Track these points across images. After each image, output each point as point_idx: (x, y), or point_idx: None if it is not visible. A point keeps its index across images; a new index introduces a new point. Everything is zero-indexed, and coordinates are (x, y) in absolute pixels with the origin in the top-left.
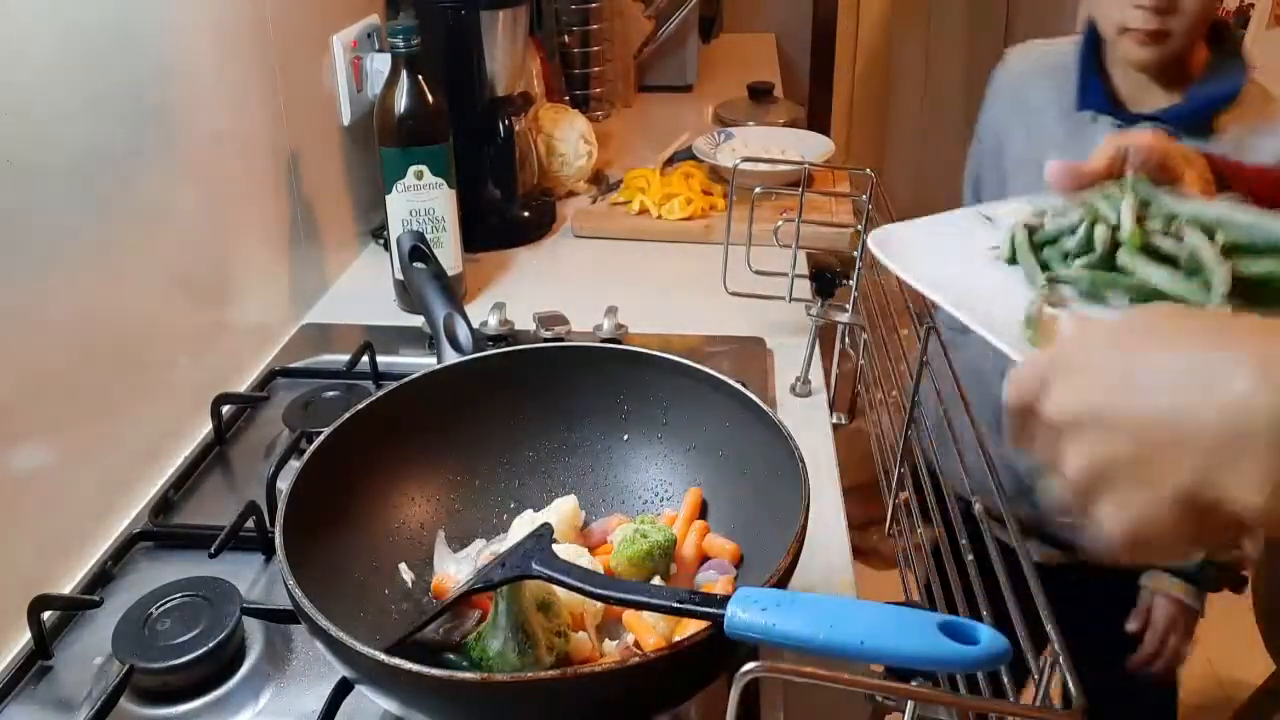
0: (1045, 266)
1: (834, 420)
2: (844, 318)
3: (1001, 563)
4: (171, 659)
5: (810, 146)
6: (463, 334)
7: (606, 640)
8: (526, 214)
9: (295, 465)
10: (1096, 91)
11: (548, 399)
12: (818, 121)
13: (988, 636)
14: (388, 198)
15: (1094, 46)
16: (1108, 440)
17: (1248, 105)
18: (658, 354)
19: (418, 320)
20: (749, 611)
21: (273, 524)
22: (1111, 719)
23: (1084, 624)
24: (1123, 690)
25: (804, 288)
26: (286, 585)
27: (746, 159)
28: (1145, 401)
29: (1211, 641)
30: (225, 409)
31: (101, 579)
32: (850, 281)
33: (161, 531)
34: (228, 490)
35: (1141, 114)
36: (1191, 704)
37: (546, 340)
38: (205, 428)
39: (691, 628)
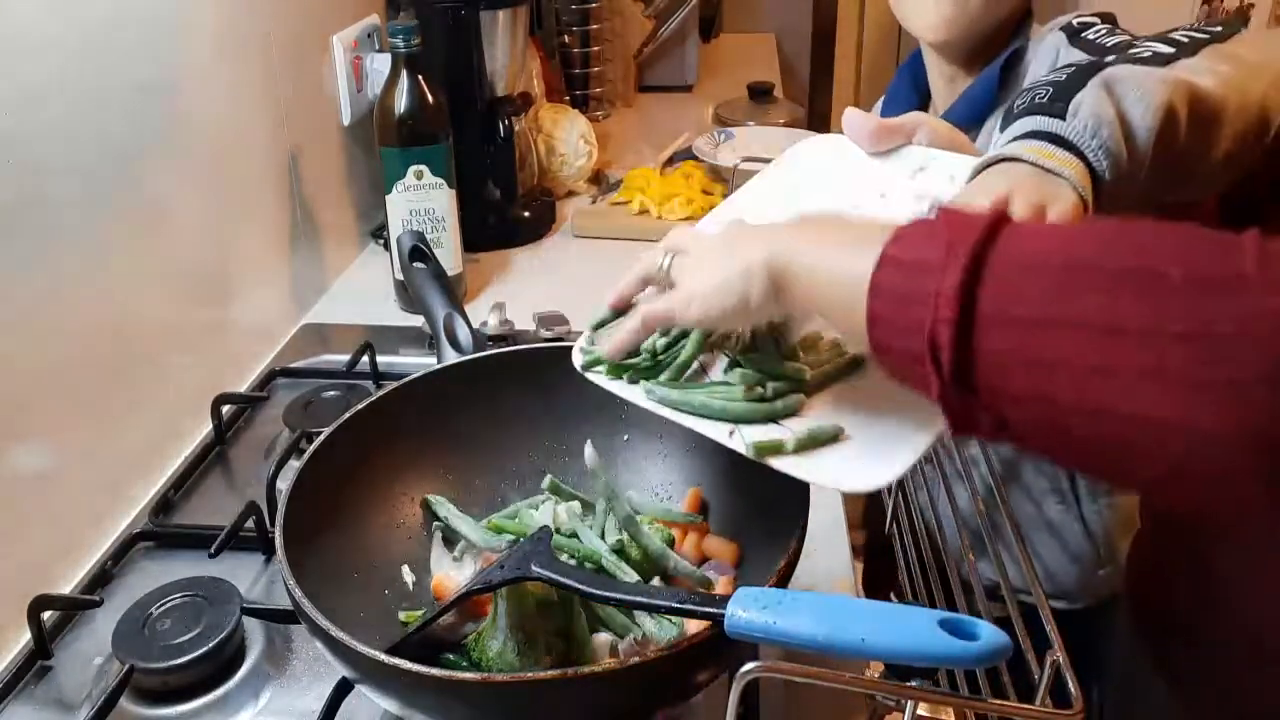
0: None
1: None
2: None
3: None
4: (171, 659)
5: None
6: (463, 334)
7: (605, 639)
8: (526, 214)
9: (295, 465)
10: (900, 99)
11: (548, 399)
12: (818, 121)
13: (988, 632)
14: (388, 198)
15: (910, 80)
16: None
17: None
18: None
19: (418, 320)
20: (749, 611)
21: (273, 524)
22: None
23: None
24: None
25: None
26: (286, 585)
27: (746, 159)
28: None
29: None
30: (225, 409)
31: (101, 579)
32: None
33: (161, 531)
34: (228, 490)
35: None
36: None
37: (546, 340)
38: (205, 428)
39: (692, 628)
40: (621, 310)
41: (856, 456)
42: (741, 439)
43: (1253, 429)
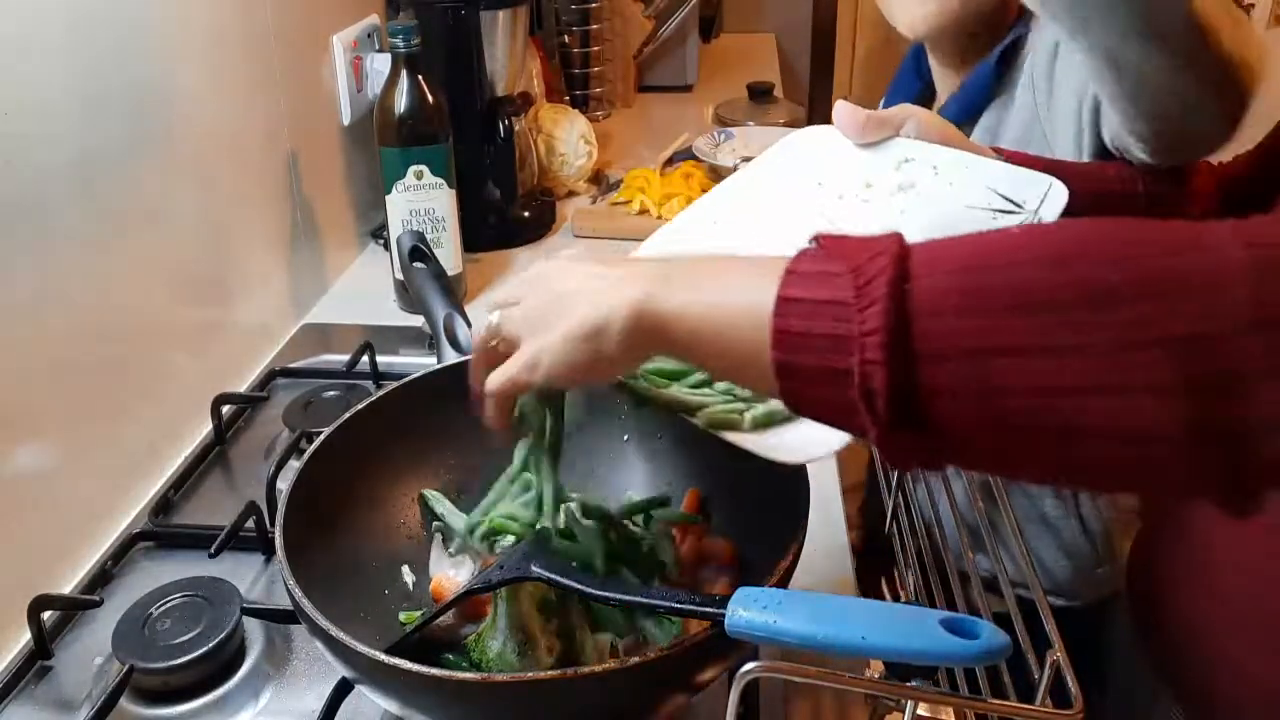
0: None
1: None
2: None
3: (1001, 564)
4: (171, 659)
5: None
6: (463, 334)
7: (605, 639)
8: (526, 214)
9: (295, 465)
10: (903, 88)
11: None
12: (818, 121)
13: (988, 631)
14: (388, 198)
15: (915, 76)
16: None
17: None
18: None
19: (418, 320)
20: (750, 610)
21: (273, 524)
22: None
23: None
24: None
25: None
26: (286, 585)
27: (746, 159)
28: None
29: None
30: (225, 409)
31: (101, 579)
32: None
33: (161, 531)
34: (228, 490)
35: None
36: None
37: None
38: (205, 428)
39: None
40: None
41: (812, 430)
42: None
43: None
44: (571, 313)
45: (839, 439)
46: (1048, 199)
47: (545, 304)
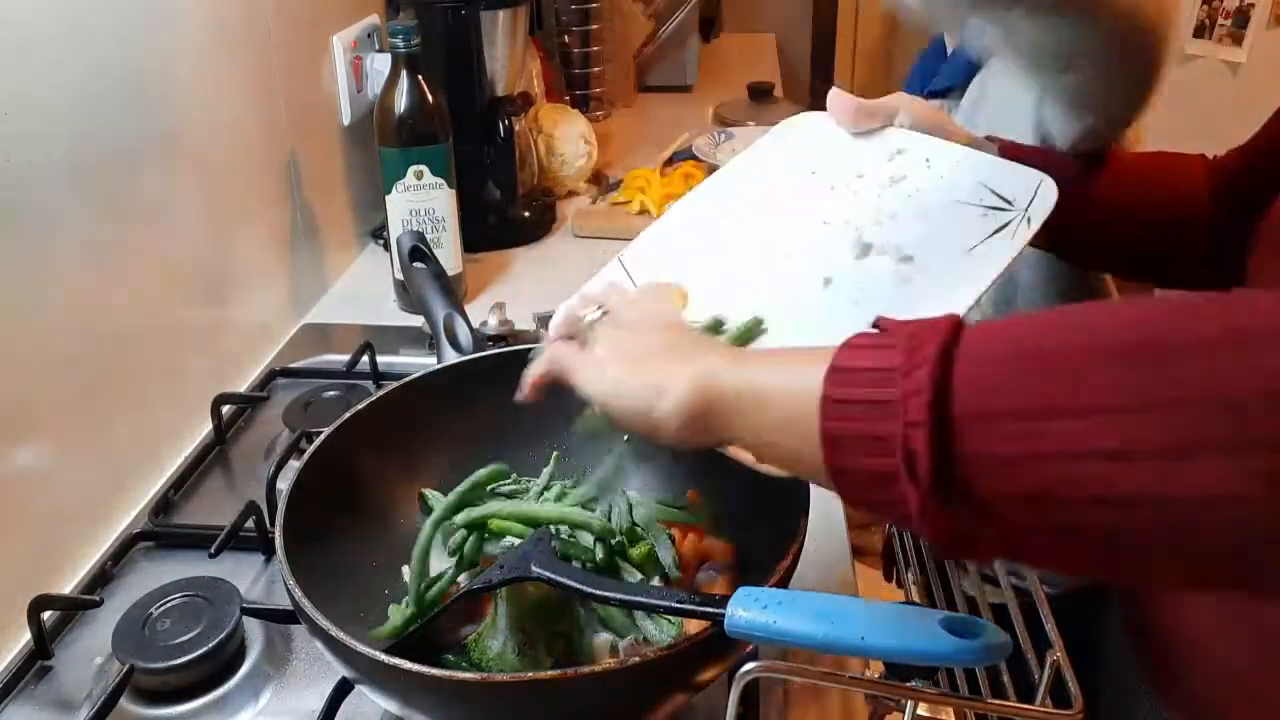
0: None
1: None
2: None
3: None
4: (171, 659)
5: None
6: (463, 334)
7: (605, 639)
8: (526, 214)
9: (295, 465)
10: (915, 89)
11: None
12: None
13: (988, 631)
14: (388, 198)
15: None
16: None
17: None
18: None
19: (418, 320)
20: (750, 610)
21: (273, 524)
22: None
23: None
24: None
25: None
26: (286, 585)
27: None
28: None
29: None
30: (225, 409)
31: (101, 579)
32: None
33: (161, 531)
34: (228, 490)
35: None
36: None
37: None
38: (205, 428)
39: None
40: None
41: None
42: None
43: None
44: (641, 365)
45: None
46: (1037, 197)
47: (634, 339)
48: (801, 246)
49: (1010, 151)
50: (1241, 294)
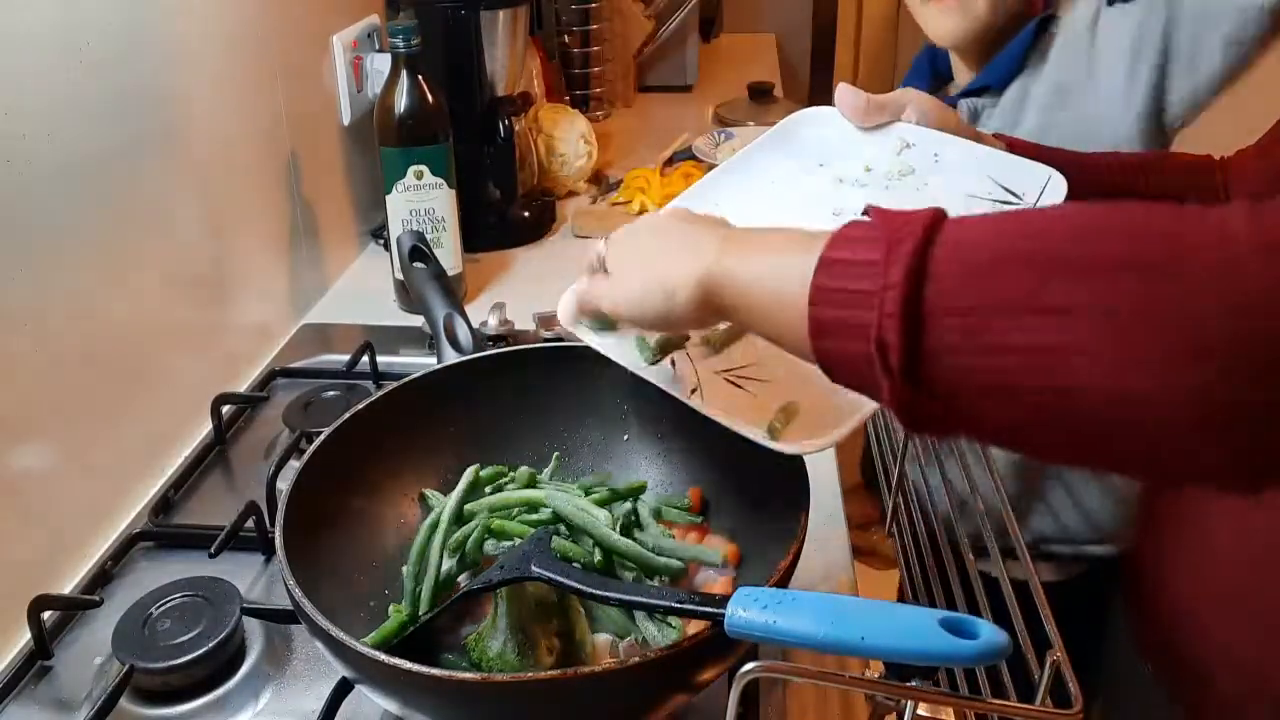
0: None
1: None
2: None
3: (1002, 565)
4: (171, 659)
5: None
6: (463, 334)
7: (605, 639)
8: (526, 214)
9: (295, 465)
10: (920, 74)
11: (547, 399)
12: None
13: (988, 631)
14: (388, 198)
15: (929, 68)
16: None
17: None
18: None
19: (418, 320)
20: (749, 610)
21: (273, 524)
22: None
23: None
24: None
25: None
26: (286, 585)
27: None
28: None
29: None
30: (225, 409)
31: (101, 579)
32: None
33: (161, 531)
34: (228, 490)
35: (951, 98)
36: None
37: (546, 340)
38: (205, 428)
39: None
40: None
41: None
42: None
43: (1218, 396)
44: (652, 269)
45: (837, 433)
46: (1047, 190)
47: (640, 249)
48: None
49: (1018, 148)
50: (1214, 214)
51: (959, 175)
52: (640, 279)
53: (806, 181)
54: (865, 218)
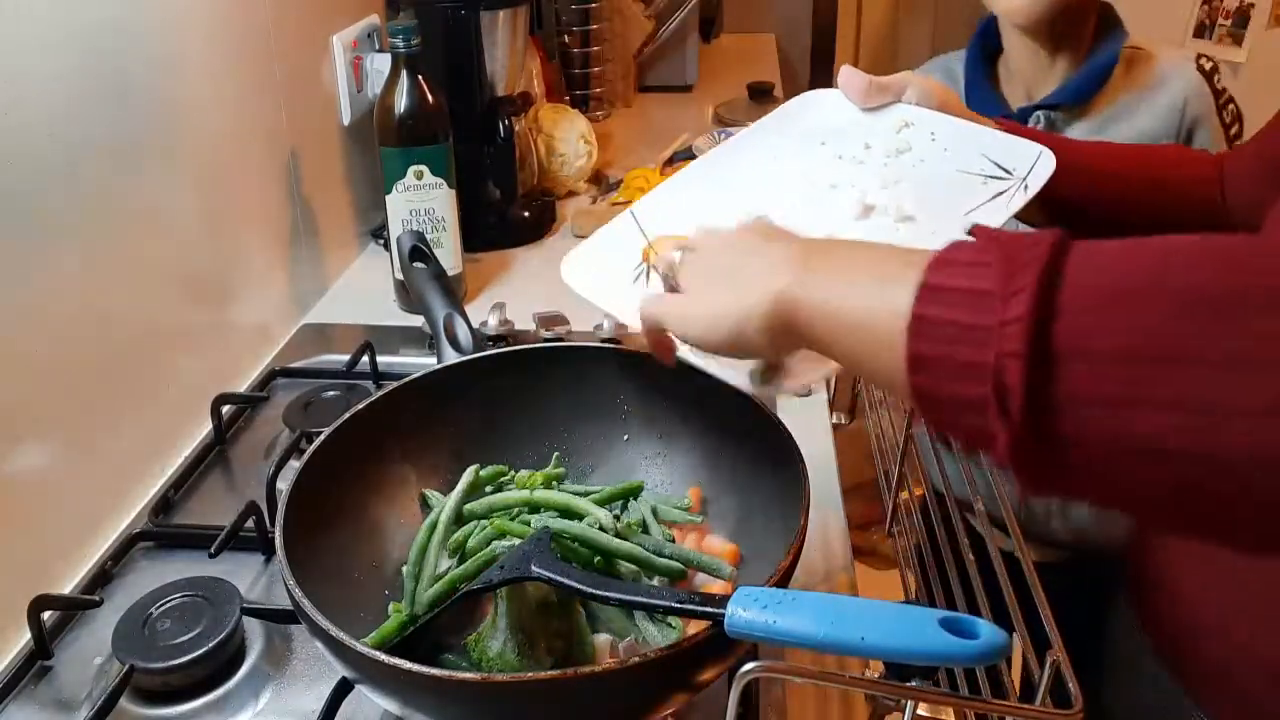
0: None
1: (834, 420)
2: None
3: (1001, 564)
4: (171, 659)
5: None
6: (463, 334)
7: (605, 639)
8: (526, 214)
9: (295, 465)
10: (981, 93)
11: (547, 399)
12: None
13: (987, 631)
14: (388, 198)
15: (980, 51)
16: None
17: (1131, 72)
18: None
19: (418, 320)
20: (749, 610)
21: (273, 524)
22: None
23: (1080, 620)
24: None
25: None
26: (286, 585)
27: None
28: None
29: None
30: (225, 409)
31: (101, 579)
32: None
33: (161, 531)
34: (228, 490)
35: (1025, 108)
36: None
37: (546, 340)
38: (205, 428)
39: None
40: None
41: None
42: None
43: None
44: (724, 293)
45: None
46: (1037, 166)
47: (712, 270)
48: (807, 206)
49: (1011, 129)
50: None
51: (953, 152)
52: (711, 302)
53: (807, 158)
54: (968, 239)
